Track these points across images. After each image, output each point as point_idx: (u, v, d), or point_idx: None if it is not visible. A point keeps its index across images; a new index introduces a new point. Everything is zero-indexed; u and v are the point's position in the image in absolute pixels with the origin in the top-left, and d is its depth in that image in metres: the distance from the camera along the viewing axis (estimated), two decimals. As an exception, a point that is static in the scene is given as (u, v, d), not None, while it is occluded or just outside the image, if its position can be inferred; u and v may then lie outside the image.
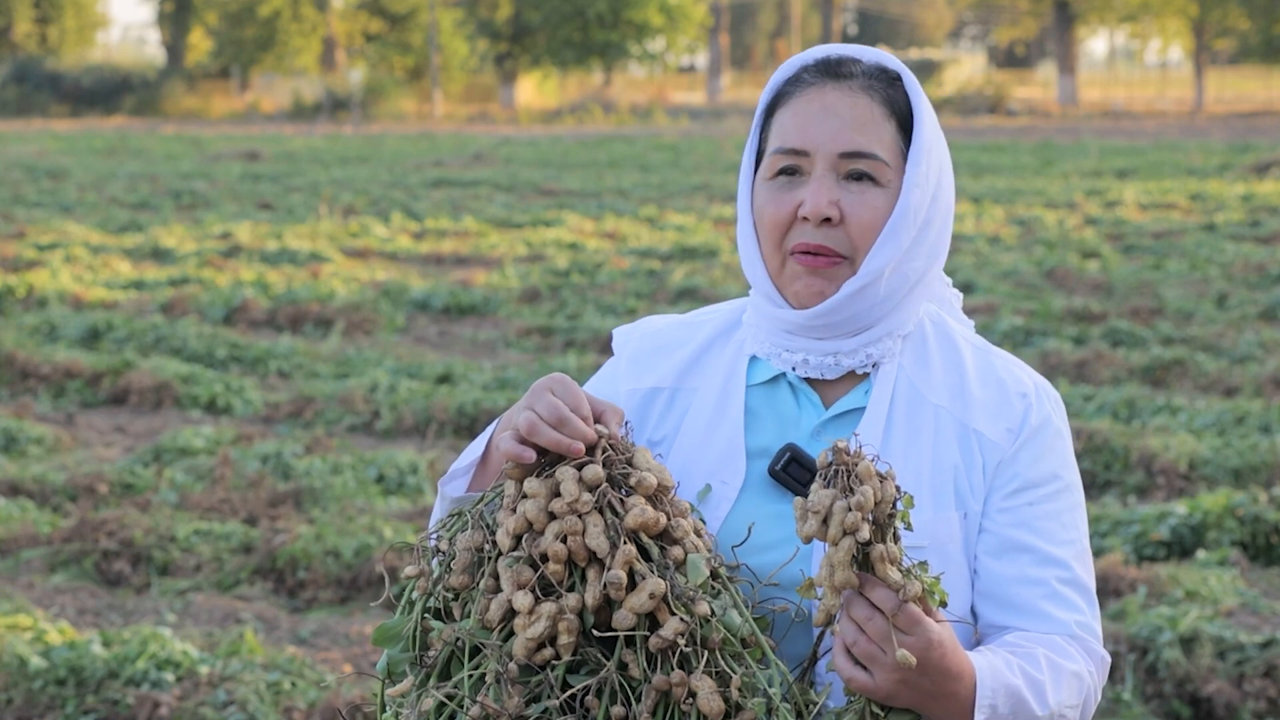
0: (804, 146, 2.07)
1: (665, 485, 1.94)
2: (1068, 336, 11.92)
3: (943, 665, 1.89)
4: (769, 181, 2.10)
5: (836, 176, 2.07)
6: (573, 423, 1.93)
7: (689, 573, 1.89)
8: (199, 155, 35.28)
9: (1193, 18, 59.00)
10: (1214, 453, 8.19)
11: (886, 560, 1.85)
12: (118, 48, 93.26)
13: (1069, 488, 2.13)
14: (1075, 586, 2.09)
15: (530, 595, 1.88)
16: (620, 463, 1.94)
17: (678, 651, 1.86)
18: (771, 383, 2.16)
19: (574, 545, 1.88)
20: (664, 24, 60.65)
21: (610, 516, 1.90)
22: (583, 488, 1.90)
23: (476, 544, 1.95)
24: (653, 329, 2.27)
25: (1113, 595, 6.34)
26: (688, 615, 1.87)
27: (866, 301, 2.09)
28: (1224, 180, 26.10)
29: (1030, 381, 2.15)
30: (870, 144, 2.06)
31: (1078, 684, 2.03)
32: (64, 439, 9.34)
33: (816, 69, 2.11)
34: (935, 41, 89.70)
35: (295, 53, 62.86)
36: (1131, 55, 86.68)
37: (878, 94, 2.08)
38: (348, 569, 6.69)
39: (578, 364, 10.76)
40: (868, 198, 2.07)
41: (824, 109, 2.07)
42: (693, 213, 22.16)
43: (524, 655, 1.88)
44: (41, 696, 5.38)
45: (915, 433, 2.11)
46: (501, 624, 1.90)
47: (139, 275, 16.12)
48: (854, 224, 2.07)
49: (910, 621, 1.86)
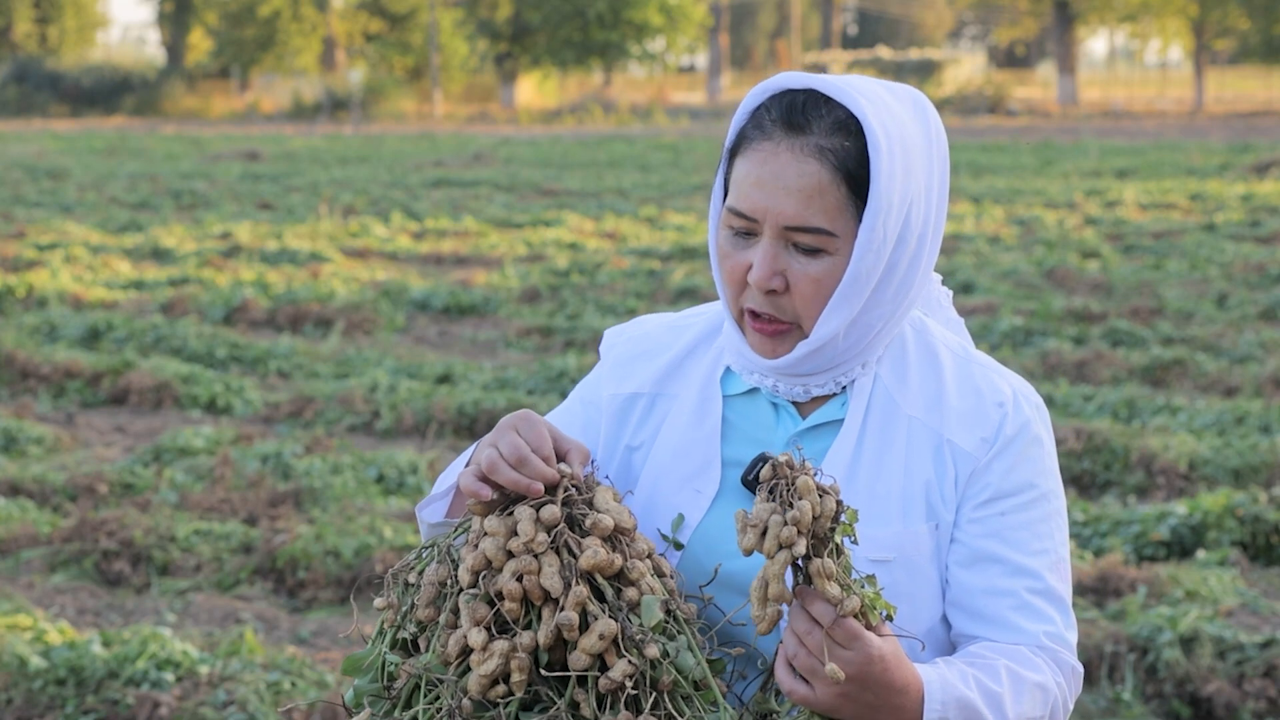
0: (752, 213, 2.05)
1: (623, 526, 1.95)
2: (1068, 336, 11.91)
3: (885, 680, 1.88)
4: (726, 230, 2.10)
5: (784, 244, 2.05)
6: (532, 463, 1.95)
7: (643, 614, 1.90)
8: (199, 155, 35.27)
9: (1193, 18, 58.99)
10: (1214, 453, 8.19)
11: (823, 575, 1.85)
12: (118, 48, 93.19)
13: (1045, 496, 2.12)
14: (1047, 597, 2.08)
15: (484, 632, 1.89)
16: (580, 503, 1.95)
17: (626, 693, 1.87)
18: (749, 394, 2.18)
19: (529, 585, 1.89)
20: (664, 24, 60.62)
21: (566, 557, 1.91)
22: (539, 528, 1.91)
23: (441, 578, 1.97)
24: (640, 332, 2.28)
25: (1113, 595, 6.34)
26: (637, 657, 1.87)
27: (825, 357, 2.10)
28: (1224, 180, 26.09)
29: (1009, 389, 2.14)
30: (815, 217, 2.02)
31: (1041, 695, 2.02)
32: (64, 439, 9.33)
33: (778, 115, 2.06)
34: (935, 41, 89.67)
35: (295, 53, 62.85)
36: (1131, 55, 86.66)
37: (830, 157, 2.02)
38: (348, 569, 6.69)
39: (578, 364, 10.76)
40: (813, 268, 2.05)
41: (773, 175, 2.03)
42: (693, 213, 22.16)
43: (478, 692, 1.89)
44: (41, 696, 5.38)
45: (888, 445, 2.11)
46: (459, 659, 1.92)
47: (139, 275, 16.11)
48: (798, 294, 2.06)
49: (848, 636, 1.86)
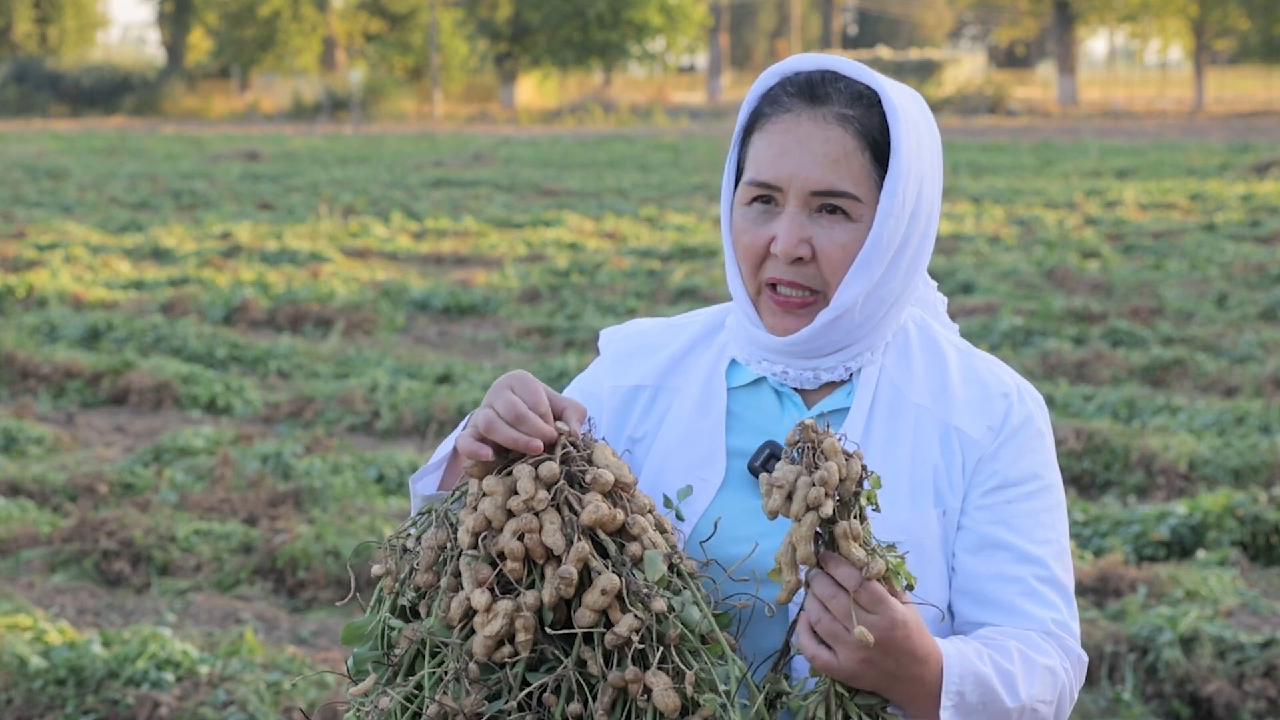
0: (777, 182, 2.06)
1: (624, 482, 1.94)
2: (1068, 336, 11.91)
3: (907, 646, 1.88)
4: (745, 207, 2.10)
5: (809, 211, 2.06)
6: (530, 420, 1.93)
7: (646, 569, 1.89)
8: (199, 155, 35.27)
9: (1193, 18, 58.99)
10: (1214, 453, 8.18)
11: (850, 537, 1.84)
12: (118, 48, 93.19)
13: (1049, 488, 2.13)
14: (1053, 585, 2.09)
15: (487, 593, 1.88)
16: (579, 459, 1.94)
17: (633, 648, 1.85)
18: (753, 385, 2.18)
19: (531, 543, 1.88)
20: (664, 24, 60.63)
21: (567, 513, 1.89)
22: (539, 485, 1.90)
23: (440, 542, 1.95)
24: (638, 330, 2.28)
25: (1113, 595, 6.34)
26: (643, 612, 1.86)
27: (841, 329, 2.10)
28: (1224, 180, 26.09)
29: (1013, 382, 2.16)
30: (842, 181, 2.05)
31: (1051, 679, 2.03)
32: (64, 439, 9.33)
33: (795, 89, 2.08)
34: (935, 41, 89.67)
35: (295, 53, 62.85)
36: (1131, 55, 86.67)
37: (852, 124, 2.05)
38: (348, 569, 6.69)
39: (578, 364, 10.75)
40: (838, 233, 2.06)
41: (798, 142, 2.05)
42: (693, 213, 22.16)
43: (483, 653, 1.88)
44: (41, 696, 5.38)
45: (895, 432, 2.12)
46: (462, 622, 1.90)
47: (139, 275, 16.11)
48: (825, 260, 2.07)
49: (873, 600, 1.85)
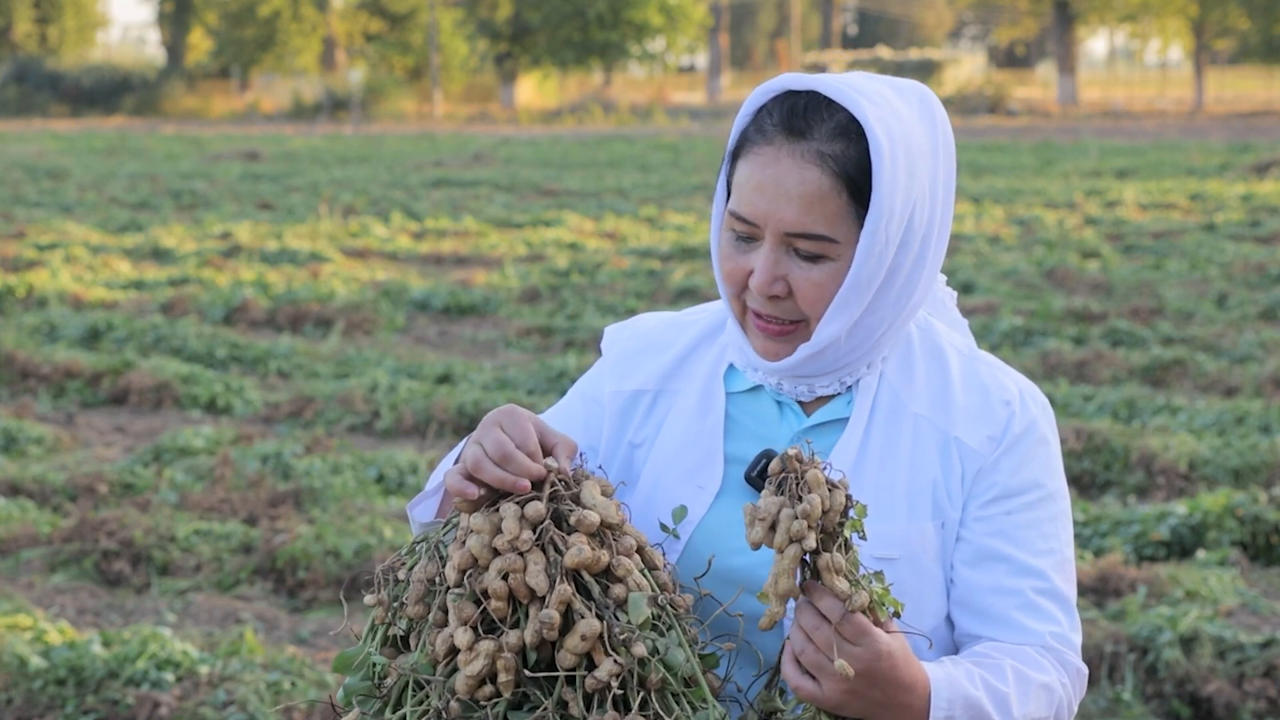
0: (754, 219, 2.04)
1: (610, 523, 1.92)
2: (1068, 336, 11.91)
3: (893, 676, 1.87)
4: (729, 232, 2.09)
5: (785, 249, 2.04)
6: (516, 459, 1.91)
7: (630, 612, 1.87)
8: (199, 155, 35.28)
9: (1193, 18, 58.99)
10: (1214, 453, 8.18)
11: (833, 570, 1.84)
12: (118, 48, 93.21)
13: (1051, 496, 2.11)
14: (1052, 597, 2.07)
15: (470, 632, 1.87)
16: (566, 499, 1.92)
17: (613, 692, 1.84)
18: (752, 391, 2.16)
19: (515, 583, 1.86)
20: (664, 24, 60.63)
21: (552, 554, 1.88)
22: (524, 525, 1.88)
23: (430, 575, 1.94)
24: (643, 328, 2.27)
25: (1113, 595, 6.34)
26: (625, 656, 1.85)
27: (828, 358, 2.09)
28: (1224, 180, 26.09)
29: (1015, 388, 2.13)
30: (815, 224, 2.01)
31: (1047, 695, 2.02)
32: (64, 439, 9.33)
33: (779, 119, 2.04)
34: (935, 41, 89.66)
35: (295, 53, 62.86)
36: (1131, 55, 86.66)
37: (829, 163, 2.00)
38: (348, 569, 6.69)
39: (578, 364, 10.75)
40: (815, 273, 2.03)
41: (774, 180, 2.02)
42: (693, 213, 22.16)
43: (465, 692, 1.87)
44: (41, 696, 5.38)
45: (894, 442, 2.10)
46: (446, 659, 1.90)
47: (139, 275, 16.11)
48: (802, 298, 2.05)
49: (857, 632, 1.85)
